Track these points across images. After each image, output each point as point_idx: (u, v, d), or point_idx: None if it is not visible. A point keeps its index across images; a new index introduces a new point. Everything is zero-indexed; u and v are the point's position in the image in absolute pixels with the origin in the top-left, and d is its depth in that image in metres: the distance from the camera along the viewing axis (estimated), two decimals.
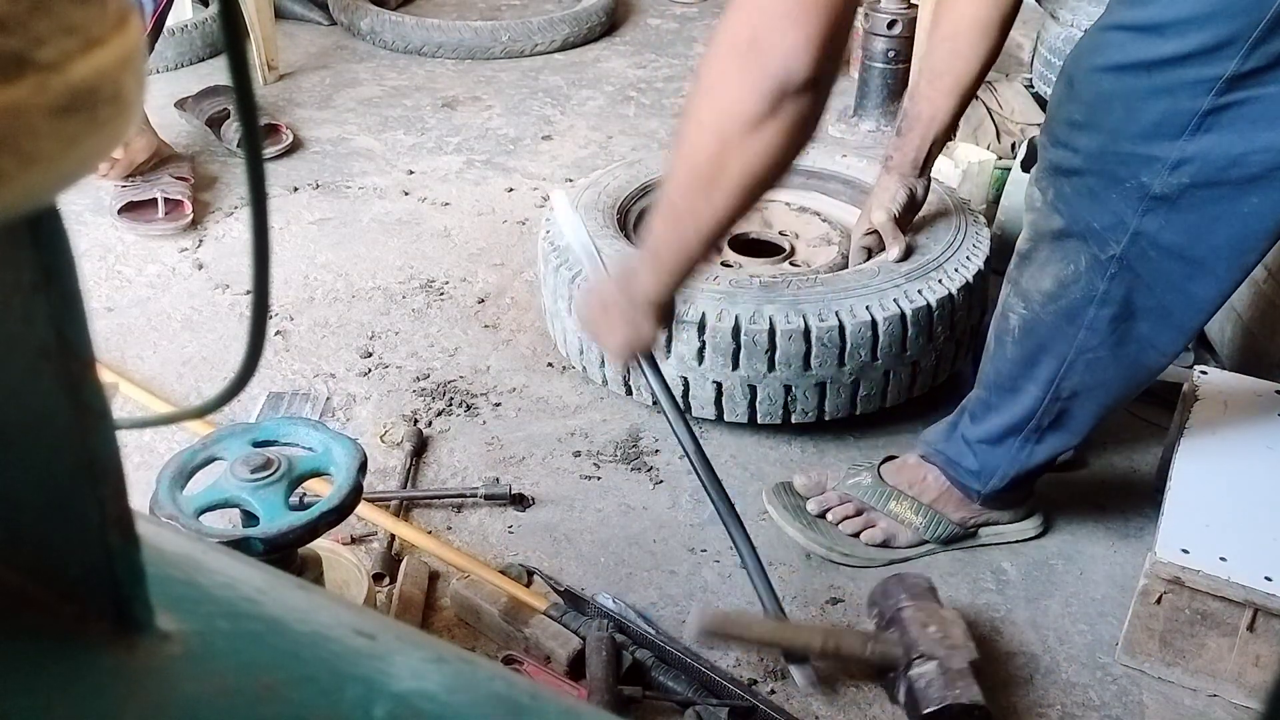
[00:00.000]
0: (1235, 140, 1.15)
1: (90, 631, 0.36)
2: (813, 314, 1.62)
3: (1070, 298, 1.31)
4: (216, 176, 2.41)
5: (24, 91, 0.27)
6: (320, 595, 0.45)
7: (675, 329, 1.59)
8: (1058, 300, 1.32)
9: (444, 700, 0.38)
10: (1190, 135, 1.16)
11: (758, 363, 1.63)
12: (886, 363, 1.67)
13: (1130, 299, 1.27)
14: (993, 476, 1.48)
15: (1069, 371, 1.35)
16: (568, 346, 1.83)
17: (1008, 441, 1.44)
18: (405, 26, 3.14)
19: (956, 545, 1.56)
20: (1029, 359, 1.38)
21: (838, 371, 1.65)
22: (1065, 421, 1.40)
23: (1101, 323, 1.30)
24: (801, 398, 1.67)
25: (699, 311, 1.62)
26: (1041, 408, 1.39)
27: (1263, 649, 1.32)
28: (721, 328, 1.62)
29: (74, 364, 0.33)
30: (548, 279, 1.82)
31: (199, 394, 1.78)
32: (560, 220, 1.74)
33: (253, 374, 0.44)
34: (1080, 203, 1.26)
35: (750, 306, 1.62)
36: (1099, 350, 1.32)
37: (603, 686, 1.25)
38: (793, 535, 1.54)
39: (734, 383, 1.66)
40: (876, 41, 2.72)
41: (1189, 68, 1.14)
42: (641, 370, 1.37)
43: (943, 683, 1.24)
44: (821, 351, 1.63)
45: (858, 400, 1.70)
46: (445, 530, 1.54)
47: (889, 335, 1.65)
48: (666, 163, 1.18)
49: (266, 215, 0.40)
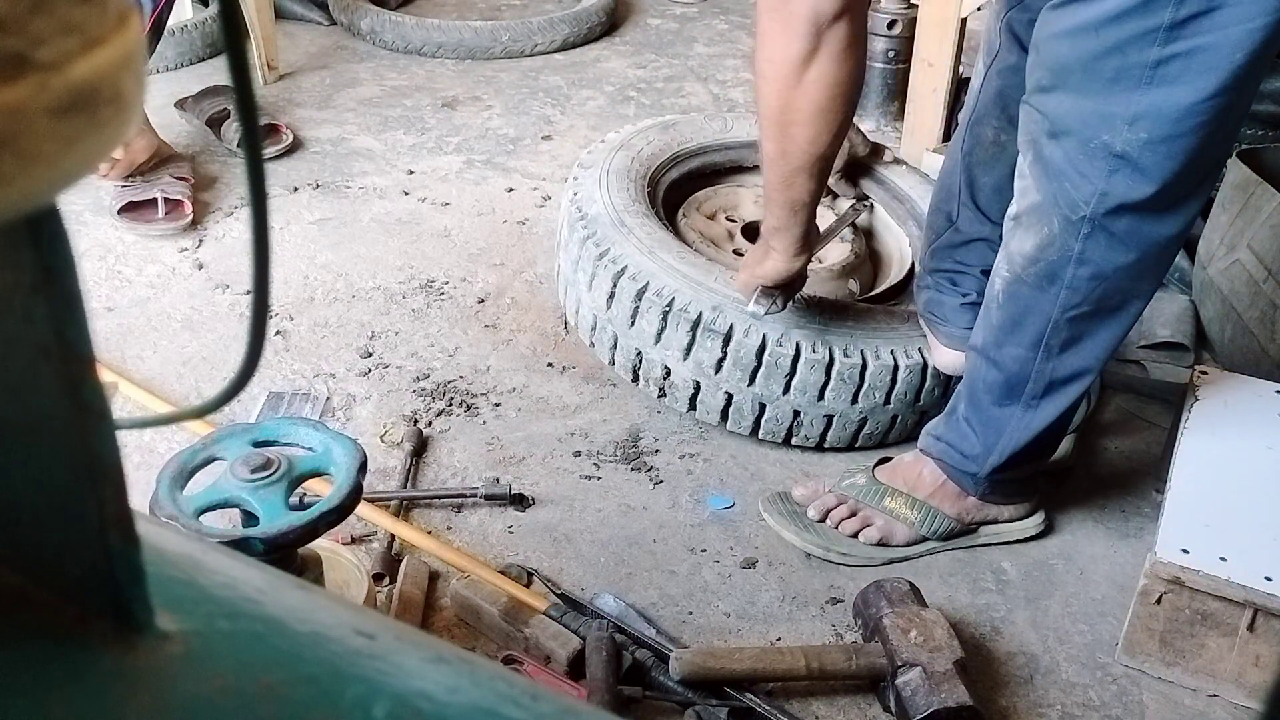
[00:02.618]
0: (1185, 91, 1.19)
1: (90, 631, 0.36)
2: (839, 348, 1.62)
3: (1048, 259, 1.33)
4: (216, 176, 2.41)
5: (24, 91, 0.27)
6: (320, 595, 0.45)
7: (701, 335, 1.62)
8: (1037, 262, 1.35)
9: (444, 700, 0.38)
10: (1144, 89, 1.20)
11: (774, 384, 1.63)
12: (897, 408, 1.68)
13: (1106, 256, 1.30)
14: (992, 452, 1.47)
15: (1054, 331, 1.37)
16: (579, 319, 1.81)
17: (1007, 409, 1.44)
18: (405, 26, 3.14)
19: (955, 543, 1.55)
20: (1015, 321, 1.40)
21: (849, 407, 1.65)
22: (1060, 384, 1.41)
23: (1081, 281, 1.32)
24: (807, 424, 1.67)
25: (727, 323, 1.62)
26: (1034, 369, 1.40)
27: (1263, 649, 1.32)
28: (748, 344, 1.61)
29: (74, 364, 0.33)
30: (570, 248, 1.79)
31: (199, 394, 1.78)
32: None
33: (253, 374, 0.44)
34: (1052, 166, 1.30)
35: (780, 328, 1.61)
36: (1082, 307, 1.34)
37: (603, 686, 1.25)
38: (789, 539, 1.54)
39: (745, 397, 1.66)
40: (876, 41, 2.72)
41: (1130, 21, 1.18)
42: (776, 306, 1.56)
43: (927, 689, 1.24)
44: (839, 385, 1.63)
45: (860, 436, 1.71)
46: (445, 530, 1.54)
47: (906, 383, 1.65)
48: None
49: (266, 215, 0.40)
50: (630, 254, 1.69)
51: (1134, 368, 1.95)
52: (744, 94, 3.03)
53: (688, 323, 1.63)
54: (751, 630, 1.42)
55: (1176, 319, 2.00)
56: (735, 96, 3.01)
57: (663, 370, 1.69)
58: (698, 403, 1.69)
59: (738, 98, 3.00)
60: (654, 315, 1.65)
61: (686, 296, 1.63)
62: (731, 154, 2.07)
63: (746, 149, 2.06)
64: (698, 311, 1.62)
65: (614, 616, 1.37)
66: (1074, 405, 1.45)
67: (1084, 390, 1.43)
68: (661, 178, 1.93)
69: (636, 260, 1.68)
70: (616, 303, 1.69)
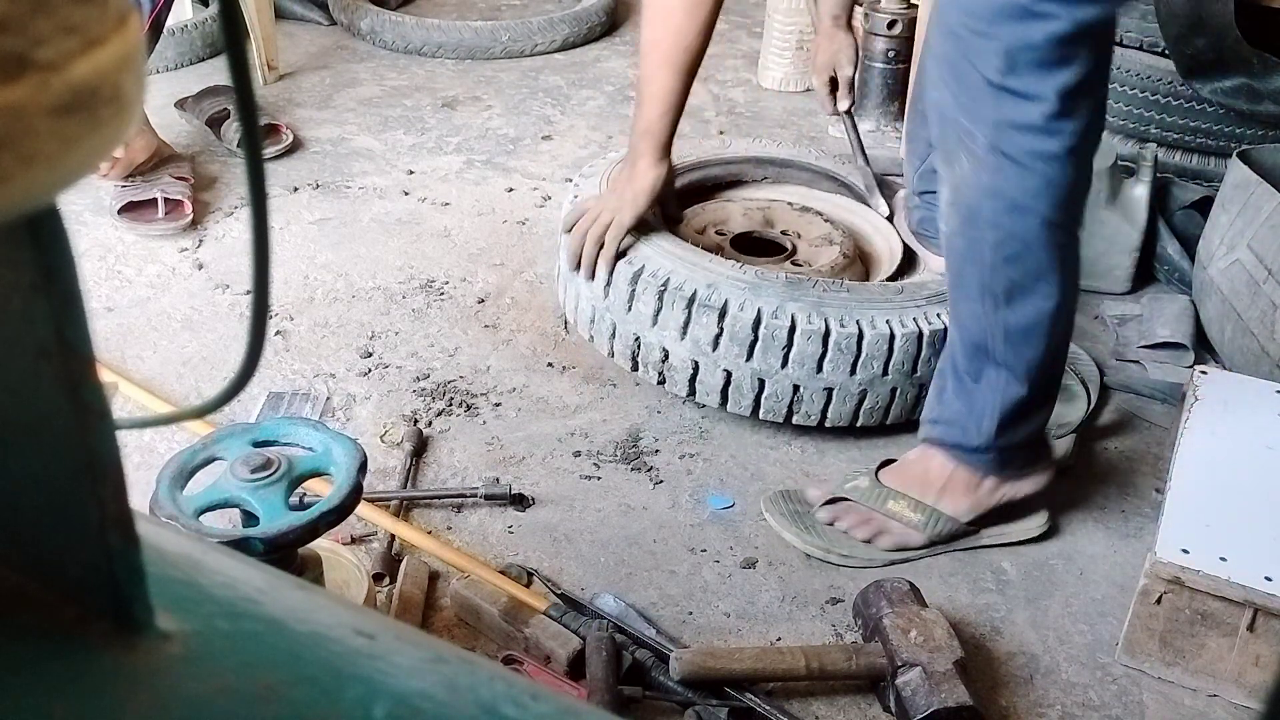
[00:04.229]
0: (1045, 22, 1.25)
1: (90, 631, 0.36)
2: (834, 318, 1.62)
3: (965, 200, 1.37)
4: (216, 176, 2.41)
5: (24, 91, 0.27)
6: (320, 595, 0.45)
7: (697, 311, 1.65)
8: (957, 205, 1.38)
9: (444, 700, 0.38)
10: (1015, 20, 1.26)
11: (772, 358, 1.64)
12: (895, 379, 1.68)
13: (1016, 184, 1.33)
14: (984, 418, 1.46)
15: (994, 275, 1.38)
16: (578, 314, 1.83)
17: (982, 371, 1.45)
18: (405, 26, 3.14)
19: (959, 544, 1.55)
20: (958, 275, 1.43)
21: (848, 379, 1.66)
22: (1020, 334, 1.41)
23: (1000, 214, 1.34)
24: (808, 399, 1.67)
25: (722, 298, 1.63)
26: (988, 322, 1.41)
27: (1263, 649, 1.32)
28: (743, 318, 1.62)
29: (74, 364, 0.33)
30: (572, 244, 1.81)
31: (199, 394, 1.78)
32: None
33: (253, 374, 0.44)
34: (946, 103, 1.35)
35: (774, 301, 1.63)
36: (1010, 245, 1.36)
37: (603, 686, 1.25)
38: (790, 540, 1.54)
39: (744, 374, 1.66)
40: (876, 41, 2.72)
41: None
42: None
43: (927, 689, 1.24)
44: (836, 357, 1.63)
45: (861, 412, 1.70)
46: (445, 530, 1.54)
47: (903, 352, 1.65)
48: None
49: (266, 215, 0.40)
50: (626, 239, 1.73)
51: (1134, 368, 1.95)
52: (744, 94, 3.03)
53: (683, 301, 1.65)
54: (751, 630, 1.42)
55: (1176, 319, 2.00)
56: (735, 96, 3.01)
57: (661, 353, 1.70)
58: (697, 384, 1.70)
59: (738, 98, 3.01)
60: (650, 296, 1.67)
61: (681, 275, 1.66)
62: (732, 168, 2.11)
63: (746, 164, 2.11)
64: (693, 289, 1.64)
65: (614, 616, 1.37)
66: (1046, 355, 1.44)
67: (1047, 340, 1.42)
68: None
69: (632, 245, 1.72)
70: (614, 289, 1.72)
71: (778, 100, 3.01)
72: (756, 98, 3.01)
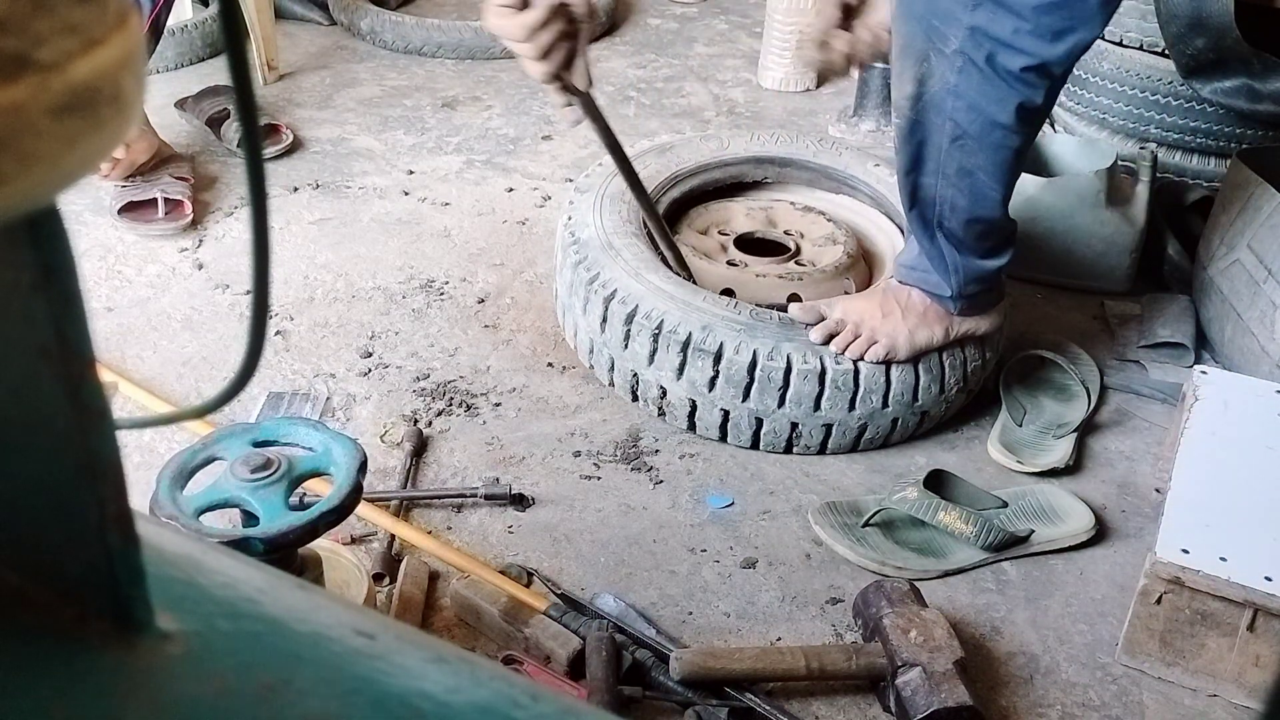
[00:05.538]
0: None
1: (90, 631, 0.36)
2: (829, 357, 1.62)
3: (930, 92, 1.48)
4: (216, 176, 2.41)
5: (24, 91, 0.27)
6: (320, 595, 0.45)
7: (692, 355, 1.64)
8: (920, 99, 1.49)
9: (444, 700, 0.38)
10: None
11: (769, 398, 1.63)
12: (896, 410, 1.67)
13: (980, 87, 1.43)
14: (951, 276, 1.62)
15: (947, 159, 1.51)
16: (577, 342, 1.82)
17: (942, 241, 1.60)
18: (405, 26, 3.14)
19: (1009, 553, 1.54)
20: (915, 157, 1.55)
21: (847, 415, 1.65)
22: (965, 212, 1.55)
23: (960, 111, 1.47)
24: (807, 434, 1.67)
25: (717, 341, 1.62)
26: (936, 193, 1.55)
27: (1263, 649, 1.32)
28: (739, 360, 1.61)
29: (74, 364, 0.33)
30: (564, 273, 1.81)
31: (199, 394, 1.78)
32: None
33: (253, 374, 0.45)
34: (915, 7, 1.44)
35: (769, 343, 1.61)
36: (965, 140, 1.49)
37: (603, 686, 1.25)
38: (843, 553, 1.52)
39: (742, 413, 1.66)
40: None
41: None
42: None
43: (928, 689, 1.24)
44: (834, 394, 1.63)
45: (862, 441, 1.71)
46: (445, 530, 1.54)
47: (901, 383, 1.65)
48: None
49: (266, 215, 0.40)
50: (619, 277, 1.70)
51: (1134, 368, 1.95)
52: (744, 94, 3.03)
53: (678, 344, 1.63)
54: (751, 630, 1.42)
55: (1176, 319, 2.00)
56: (735, 96, 3.01)
57: (659, 390, 1.69)
58: (696, 420, 1.69)
59: (738, 98, 3.01)
60: (645, 338, 1.66)
61: (675, 318, 1.64)
62: (731, 170, 2.09)
63: (746, 164, 2.09)
64: (687, 332, 1.63)
65: (614, 616, 1.37)
66: (994, 223, 1.58)
67: (994, 215, 1.56)
68: (661, 198, 1.94)
69: (625, 284, 1.69)
70: (609, 327, 1.70)
71: (778, 100, 3.01)
72: (756, 98, 3.01)
